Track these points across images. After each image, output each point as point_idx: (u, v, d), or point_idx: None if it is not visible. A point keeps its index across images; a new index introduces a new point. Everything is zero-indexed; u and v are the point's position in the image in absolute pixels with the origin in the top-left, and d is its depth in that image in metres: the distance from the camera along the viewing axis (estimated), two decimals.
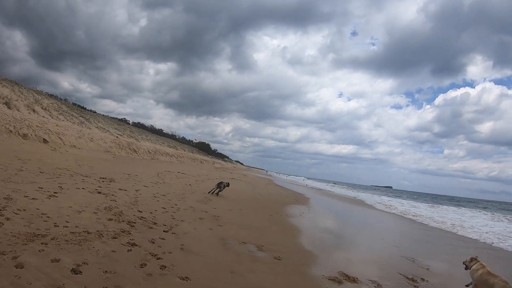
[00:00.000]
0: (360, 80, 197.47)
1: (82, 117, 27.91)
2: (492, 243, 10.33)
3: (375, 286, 4.57)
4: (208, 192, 11.03)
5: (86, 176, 8.78)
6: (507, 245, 10.00)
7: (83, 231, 4.23)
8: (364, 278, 4.78)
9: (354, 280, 4.62)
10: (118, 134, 30.15)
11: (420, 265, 6.20)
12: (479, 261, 4.84)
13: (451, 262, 7.01)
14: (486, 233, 12.43)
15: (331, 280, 4.42)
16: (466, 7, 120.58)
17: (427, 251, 8.15)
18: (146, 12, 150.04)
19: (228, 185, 11.92)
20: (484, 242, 10.41)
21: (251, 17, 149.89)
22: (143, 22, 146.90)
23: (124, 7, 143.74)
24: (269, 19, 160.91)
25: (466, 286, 4.85)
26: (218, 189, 11.05)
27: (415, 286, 4.91)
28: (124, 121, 56.85)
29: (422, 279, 5.28)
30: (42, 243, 3.57)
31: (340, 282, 4.42)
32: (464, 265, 5.05)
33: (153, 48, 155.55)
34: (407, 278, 5.23)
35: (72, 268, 3.18)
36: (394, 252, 7.26)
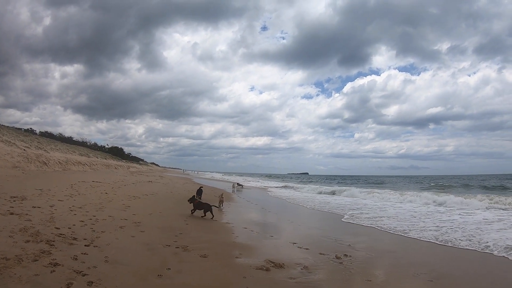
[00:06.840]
0: (271, 73, 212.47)
1: None
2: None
3: (301, 269, 5.25)
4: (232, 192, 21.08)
5: None
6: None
7: (1, 258, 4.16)
8: (291, 263, 5.50)
9: (281, 266, 5.25)
10: (25, 146, 28.43)
11: (342, 243, 7.28)
12: None
13: (371, 236, 8.39)
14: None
15: (259, 269, 5.01)
16: (372, 1, 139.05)
17: (346, 230, 9.38)
18: (50, 10, 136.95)
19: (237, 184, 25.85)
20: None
21: (161, 13, 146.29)
22: (47, 21, 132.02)
23: (27, 5, 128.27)
24: (179, 16, 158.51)
25: None
26: (240, 186, 22.09)
27: (340, 263, 5.71)
28: (30, 131, 53.12)
29: (346, 255, 6.18)
30: None
31: (267, 270, 5.02)
32: None
33: (58, 49, 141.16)
34: (332, 256, 6.09)
35: None
36: (316, 234, 8.34)
